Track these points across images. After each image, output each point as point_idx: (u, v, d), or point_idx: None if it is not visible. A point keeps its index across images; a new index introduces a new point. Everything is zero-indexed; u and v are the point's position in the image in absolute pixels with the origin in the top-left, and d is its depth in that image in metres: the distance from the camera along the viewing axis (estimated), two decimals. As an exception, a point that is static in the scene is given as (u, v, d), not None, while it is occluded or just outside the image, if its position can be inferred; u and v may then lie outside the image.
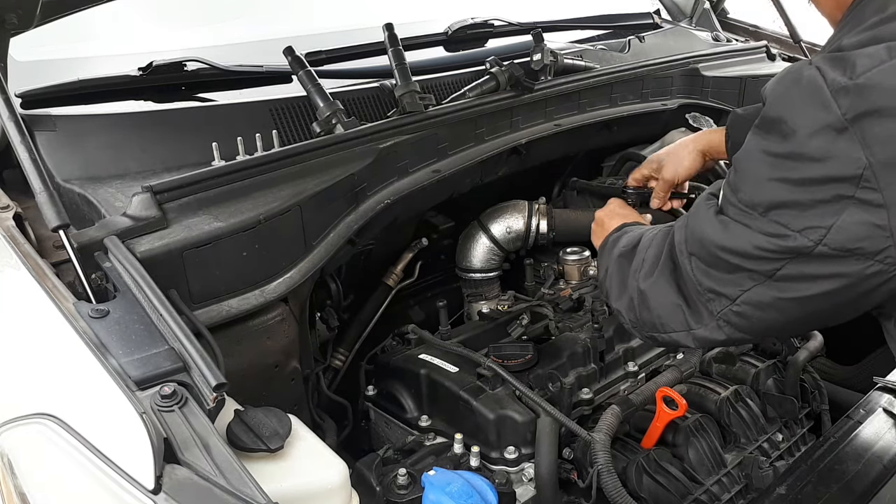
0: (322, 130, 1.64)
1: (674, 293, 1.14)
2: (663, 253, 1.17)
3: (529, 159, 2.01)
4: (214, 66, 1.84)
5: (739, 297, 1.04)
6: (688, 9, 2.94)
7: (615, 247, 1.35)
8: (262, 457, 1.03)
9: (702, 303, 1.09)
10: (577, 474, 1.45)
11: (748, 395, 1.66)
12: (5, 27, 1.52)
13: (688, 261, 1.10)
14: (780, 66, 2.58)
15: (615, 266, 1.31)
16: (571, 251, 1.97)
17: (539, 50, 2.00)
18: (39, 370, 1.09)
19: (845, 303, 1.00)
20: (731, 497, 1.48)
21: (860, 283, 0.95)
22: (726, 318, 1.07)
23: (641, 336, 1.27)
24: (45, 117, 1.54)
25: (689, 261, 1.09)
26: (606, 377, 1.68)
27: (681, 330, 1.15)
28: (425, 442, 1.52)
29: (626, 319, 1.27)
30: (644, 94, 2.25)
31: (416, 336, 1.75)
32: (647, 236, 1.27)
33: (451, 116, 1.78)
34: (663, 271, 1.16)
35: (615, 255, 1.32)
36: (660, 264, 1.17)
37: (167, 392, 0.96)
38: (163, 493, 0.86)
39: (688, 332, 1.14)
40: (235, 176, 1.41)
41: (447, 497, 1.23)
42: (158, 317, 1.07)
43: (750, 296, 1.03)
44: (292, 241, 1.40)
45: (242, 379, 1.28)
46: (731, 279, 1.04)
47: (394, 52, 1.81)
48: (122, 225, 1.25)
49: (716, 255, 1.04)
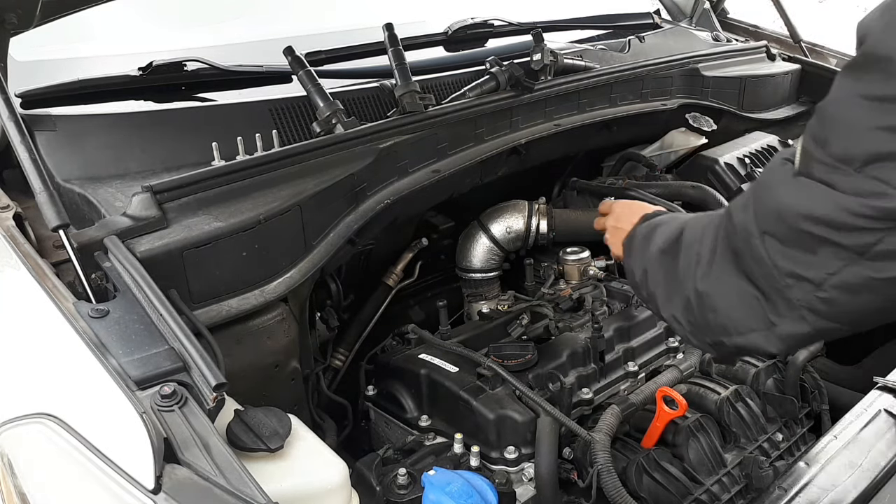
0: (322, 130, 1.64)
1: (745, 284, 0.97)
2: (719, 242, 1.02)
3: (529, 159, 2.01)
4: (214, 66, 1.84)
5: (827, 281, 0.88)
6: (688, 9, 2.94)
7: (649, 243, 1.19)
8: (262, 457, 1.03)
9: (779, 291, 0.93)
10: (577, 474, 1.45)
11: (748, 394, 1.65)
12: (5, 27, 1.52)
13: (760, 242, 0.93)
14: (780, 66, 2.58)
15: (656, 266, 1.15)
16: (571, 251, 1.97)
17: (539, 50, 2.00)
18: (39, 370, 1.09)
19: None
20: (731, 497, 1.48)
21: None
22: (810, 305, 0.91)
23: (703, 345, 1.10)
24: (45, 117, 1.54)
25: (762, 241, 0.93)
26: (606, 377, 1.68)
27: (759, 329, 0.98)
28: (425, 442, 1.52)
29: (682, 326, 1.09)
30: (644, 94, 2.25)
31: (416, 336, 1.75)
32: (691, 226, 1.10)
33: (450, 116, 1.78)
34: (725, 264, 1.00)
35: (653, 253, 1.16)
36: (717, 256, 1.01)
37: (167, 392, 0.96)
38: (163, 492, 0.86)
39: (768, 331, 0.97)
40: (235, 176, 1.41)
41: (447, 497, 1.23)
42: (158, 317, 1.07)
43: (839, 278, 0.87)
44: (292, 240, 1.40)
45: (242, 379, 1.28)
46: (816, 260, 0.88)
47: (394, 52, 1.81)
48: (122, 225, 1.25)
49: (797, 227, 0.88)
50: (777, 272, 0.92)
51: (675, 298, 1.09)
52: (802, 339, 0.97)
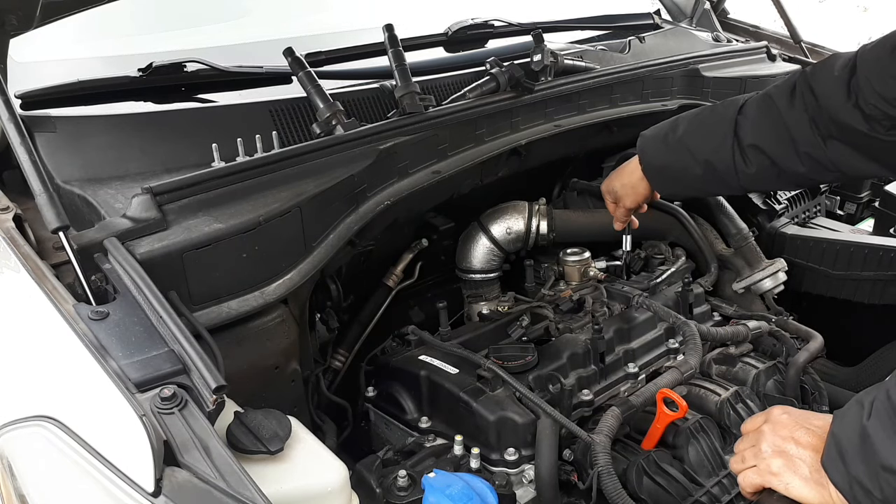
0: (322, 131, 1.64)
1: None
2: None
3: (529, 160, 2.01)
4: (214, 67, 1.84)
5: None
6: (688, 9, 2.93)
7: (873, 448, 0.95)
8: (262, 459, 1.03)
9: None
10: (578, 476, 1.45)
11: (749, 396, 1.65)
12: (5, 28, 1.52)
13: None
14: (780, 66, 2.58)
15: None
16: (571, 252, 1.97)
17: (539, 51, 2.00)
18: (39, 372, 1.09)
19: None
20: (732, 499, 1.48)
21: None
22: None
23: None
24: (45, 118, 1.54)
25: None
26: (607, 378, 1.68)
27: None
28: (425, 443, 1.52)
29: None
30: (644, 94, 2.25)
31: (416, 337, 1.74)
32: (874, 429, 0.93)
33: (451, 117, 1.77)
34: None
35: None
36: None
37: (167, 394, 0.96)
38: (163, 495, 0.86)
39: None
40: (235, 177, 1.40)
41: (447, 499, 1.23)
42: (158, 319, 1.07)
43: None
44: (292, 242, 1.40)
45: (242, 381, 1.28)
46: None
47: (394, 52, 1.81)
48: (121, 226, 1.25)
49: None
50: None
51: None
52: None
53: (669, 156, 1.68)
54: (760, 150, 1.55)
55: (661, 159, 1.70)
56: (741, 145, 1.57)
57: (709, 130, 1.62)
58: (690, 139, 1.64)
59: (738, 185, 1.63)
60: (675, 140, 1.67)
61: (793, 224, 2.26)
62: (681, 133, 1.66)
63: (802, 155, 1.51)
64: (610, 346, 1.70)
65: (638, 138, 1.76)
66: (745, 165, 1.57)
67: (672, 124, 1.71)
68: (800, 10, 3.10)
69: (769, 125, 1.54)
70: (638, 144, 1.75)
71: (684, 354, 1.74)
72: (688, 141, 1.64)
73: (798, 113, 1.50)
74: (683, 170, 1.66)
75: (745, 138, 1.56)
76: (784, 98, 1.53)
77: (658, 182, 1.75)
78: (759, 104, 1.57)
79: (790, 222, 2.26)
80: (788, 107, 1.52)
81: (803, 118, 1.49)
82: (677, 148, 1.66)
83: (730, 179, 1.61)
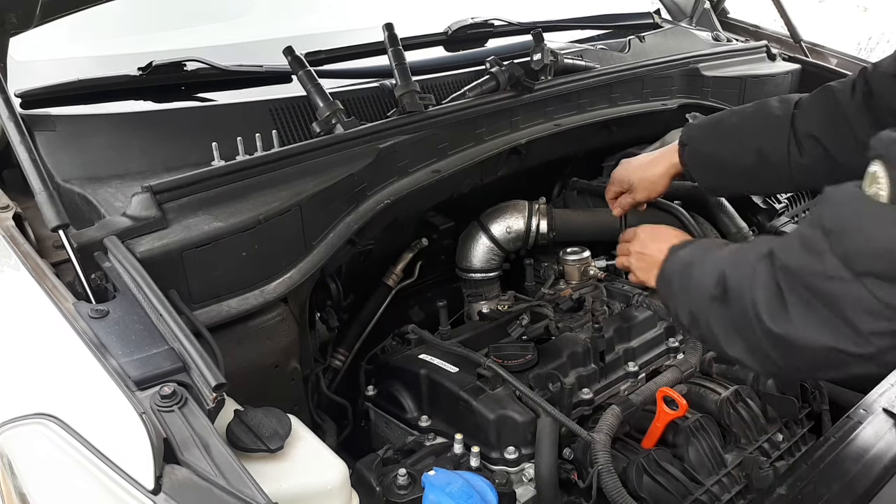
0: (322, 130, 1.64)
1: (835, 320, 0.95)
2: (784, 288, 1.00)
3: (529, 159, 2.01)
4: (214, 66, 1.84)
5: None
6: (688, 9, 2.94)
7: (689, 285, 1.21)
8: (262, 457, 1.03)
9: None
10: (578, 474, 1.45)
11: (748, 395, 1.65)
12: (5, 27, 1.52)
13: (859, 285, 0.91)
14: (780, 65, 2.58)
15: (706, 310, 1.16)
16: (571, 251, 1.97)
17: (539, 50, 2.00)
18: (39, 370, 1.09)
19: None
20: (732, 497, 1.48)
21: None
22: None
23: (778, 378, 1.11)
24: (45, 117, 1.54)
25: (862, 284, 0.91)
26: (607, 377, 1.68)
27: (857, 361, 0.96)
28: (425, 442, 1.52)
29: (751, 365, 1.13)
30: (644, 94, 2.25)
31: (416, 336, 1.75)
32: (732, 272, 1.11)
33: (450, 116, 1.77)
34: (801, 307, 0.98)
35: (700, 298, 1.18)
36: (790, 301, 0.99)
37: (167, 392, 0.96)
38: (162, 493, 0.86)
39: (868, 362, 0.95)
40: (235, 176, 1.41)
41: (447, 497, 1.23)
42: (158, 317, 1.07)
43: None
44: (292, 241, 1.40)
45: (242, 379, 1.28)
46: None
47: (394, 51, 1.81)
48: (121, 225, 1.25)
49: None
50: (878, 308, 0.90)
51: (738, 341, 1.10)
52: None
53: (719, 143, 1.63)
54: (817, 140, 1.51)
55: (709, 146, 1.65)
56: (797, 135, 1.53)
57: (764, 121, 1.58)
58: (746, 126, 1.60)
59: (789, 177, 1.57)
60: (729, 127, 1.63)
61: (792, 223, 2.26)
62: (735, 121, 1.63)
63: (861, 146, 1.48)
64: (610, 345, 1.70)
65: (683, 128, 1.71)
66: (799, 156, 1.53)
67: (724, 114, 1.68)
68: (800, 10, 3.10)
69: (828, 115, 1.51)
70: (683, 133, 1.69)
71: (684, 353, 1.74)
72: (743, 128, 1.60)
73: (857, 104, 1.47)
74: (733, 158, 1.61)
75: (802, 128, 1.52)
76: (845, 91, 1.50)
77: (702, 172, 1.68)
78: (818, 96, 1.55)
79: (790, 221, 2.26)
80: (849, 99, 1.49)
81: (862, 109, 1.46)
82: (730, 135, 1.62)
83: (781, 171, 1.56)
